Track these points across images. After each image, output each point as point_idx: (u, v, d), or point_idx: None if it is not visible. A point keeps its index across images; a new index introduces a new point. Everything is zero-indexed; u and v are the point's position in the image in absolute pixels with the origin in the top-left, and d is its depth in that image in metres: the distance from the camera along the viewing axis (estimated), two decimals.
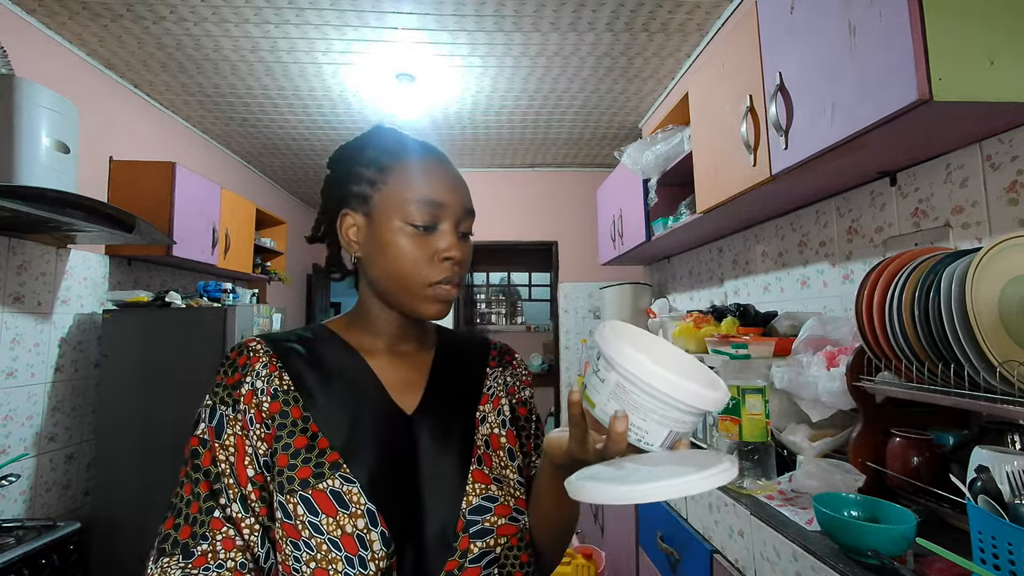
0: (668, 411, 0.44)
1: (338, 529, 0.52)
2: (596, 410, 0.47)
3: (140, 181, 2.46)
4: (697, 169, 1.80)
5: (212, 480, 0.54)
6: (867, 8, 0.98)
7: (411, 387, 0.64)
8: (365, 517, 0.53)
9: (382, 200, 0.60)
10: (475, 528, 0.57)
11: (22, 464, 2.00)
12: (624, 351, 0.43)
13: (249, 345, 0.60)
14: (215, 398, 0.57)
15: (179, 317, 2.32)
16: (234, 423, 0.56)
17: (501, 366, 0.73)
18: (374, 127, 0.67)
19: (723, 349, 1.47)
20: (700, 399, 0.43)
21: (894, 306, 0.90)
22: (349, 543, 0.52)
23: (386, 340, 0.66)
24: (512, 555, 0.59)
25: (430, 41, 2.29)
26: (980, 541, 0.68)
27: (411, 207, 0.59)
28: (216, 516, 0.52)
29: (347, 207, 0.63)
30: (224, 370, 0.59)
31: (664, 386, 0.42)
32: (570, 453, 0.50)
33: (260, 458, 0.55)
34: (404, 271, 0.59)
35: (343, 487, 0.54)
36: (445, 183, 0.61)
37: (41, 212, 1.61)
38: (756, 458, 1.09)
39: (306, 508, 0.53)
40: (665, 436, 0.45)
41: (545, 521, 0.62)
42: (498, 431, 0.66)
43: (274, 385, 0.58)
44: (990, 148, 1.10)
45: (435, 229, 0.60)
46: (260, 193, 4.10)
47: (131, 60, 2.39)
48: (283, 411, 0.57)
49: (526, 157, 3.94)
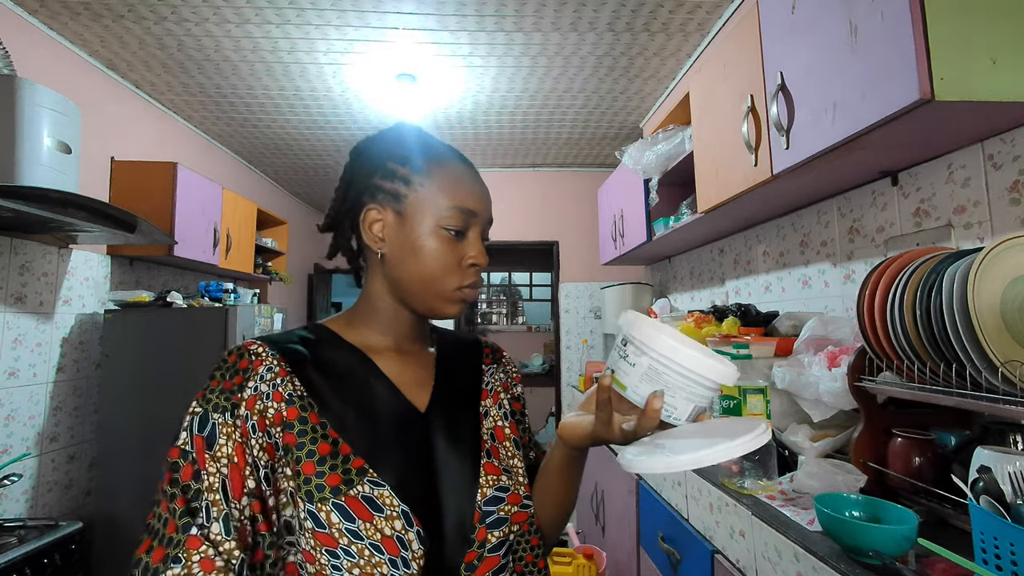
0: (694, 387, 0.49)
1: (377, 533, 0.52)
2: (628, 392, 0.51)
3: (142, 181, 2.46)
4: (698, 169, 1.80)
5: (191, 497, 0.50)
6: (868, 7, 0.98)
7: (421, 385, 0.64)
8: (401, 519, 0.53)
9: (417, 200, 0.60)
10: (491, 518, 0.58)
11: (24, 464, 2.00)
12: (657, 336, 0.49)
13: (250, 348, 0.57)
14: (206, 405, 0.53)
15: (180, 317, 2.32)
16: (232, 431, 0.52)
17: (495, 363, 0.75)
18: (398, 123, 0.66)
19: (724, 349, 1.47)
20: (721, 374, 0.48)
21: (896, 306, 0.89)
22: (390, 545, 0.52)
23: (394, 338, 0.65)
24: (524, 540, 0.61)
25: (431, 41, 2.29)
26: (982, 542, 0.68)
27: (447, 212, 0.59)
28: (193, 534, 0.48)
29: (373, 202, 0.61)
30: (221, 374, 0.55)
31: (693, 364, 0.48)
32: (595, 435, 0.53)
33: (261, 469, 0.53)
34: (434, 274, 0.60)
35: (373, 491, 0.53)
36: (479, 192, 0.63)
37: (43, 212, 1.62)
38: (757, 458, 1.09)
39: (341, 516, 0.51)
40: (690, 411, 0.50)
41: (553, 503, 0.65)
42: (502, 423, 0.67)
43: (288, 390, 0.56)
44: (992, 148, 1.10)
45: (465, 236, 0.61)
46: (261, 193, 4.10)
47: (133, 60, 2.39)
48: (302, 417, 0.55)
49: (527, 157, 3.93)
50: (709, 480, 1.19)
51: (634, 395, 0.51)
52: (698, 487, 1.24)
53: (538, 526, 0.64)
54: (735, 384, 1.10)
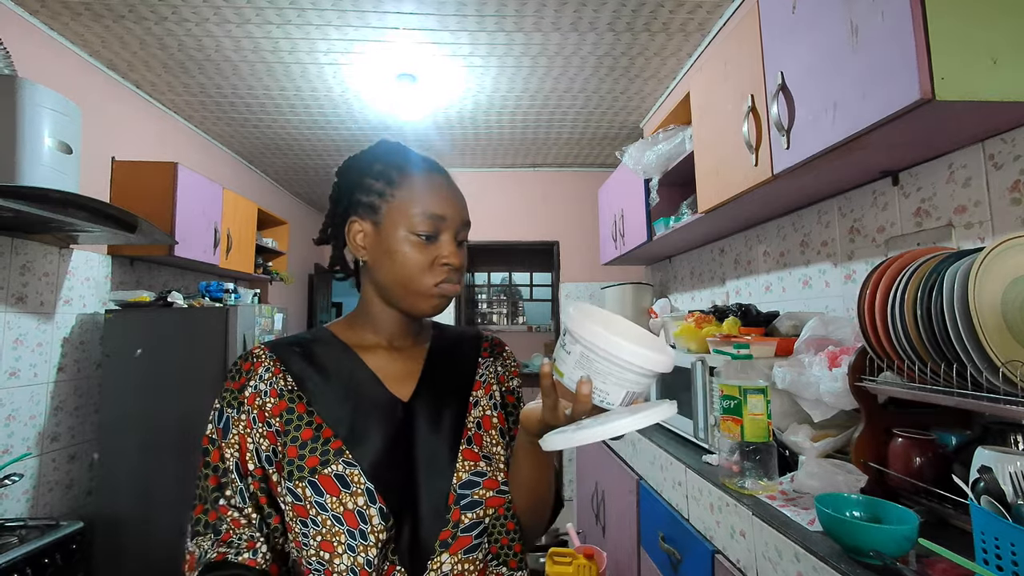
0: (624, 374, 0.51)
1: (340, 506, 0.59)
2: (564, 379, 0.54)
3: (142, 181, 2.46)
4: (699, 169, 1.80)
5: (220, 475, 0.62)
6: (869, 7, 0.98)
7: (407, 377, 0.70)
8: (364, 495, 0.59)
9: (390, 211, 0.66)
10: (465, 500, 0.64)
11: (25, 464, 2.01)
12: (585, 324, 0.51)
13: (254, 352, 0.67)
14: (222, 401, 0.64)
15: (181, 317, 2.33)
16: (239, 423, 0.63)
17: (493, 356, 0.79)
18: (380, 141, 0.73)
19: (725, 349, 1.47)
20: (649, 361, 0.50)
21: (896, 306, 0.89)
22: (350, 518, 0.59)
23: (387, 336, 0.72)
24: (500, 523, 0.67)
25: (431, 41, 2.29)
26: (983, 542, 0.68)
27: (416, 219, 0.65)
28: (222, 504, 0.61)
29: (355, 215, 0.69)
30: (232, 375, 0.66)
31: (618, 351, 0.50)
32: (544, 421, 0.56)
33: (261, 454, 0.62)
34: (408, 275, 0.65)
35: (346, 470, 0.60)
36: (447, 198, 0.67)
37: (44, 212, 1.62)
38: (758, 458, 1.08)
39: (313, 490, 0.59)
40: (623, 396, 0.53)
41: (523, 488, 0.68)
42: (490, 413, 0.72)
43: (279, 386, 0.65)
44: (993, 147, 1.10)
45: (436, 239, 0.66)
46: (262, 193, 4.10)
47: (133, 61, 2.40)
48: (289, 408, 0.64)
49: (527, 157, 3.93)
50: (709, 480, 1.19)
51: (569, 382, 0.53)
52: (699, 487, 1.24)
53: (515, 511, 0.69)
54: (736, 384, 1.10)
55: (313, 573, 0.59)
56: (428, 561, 0.61)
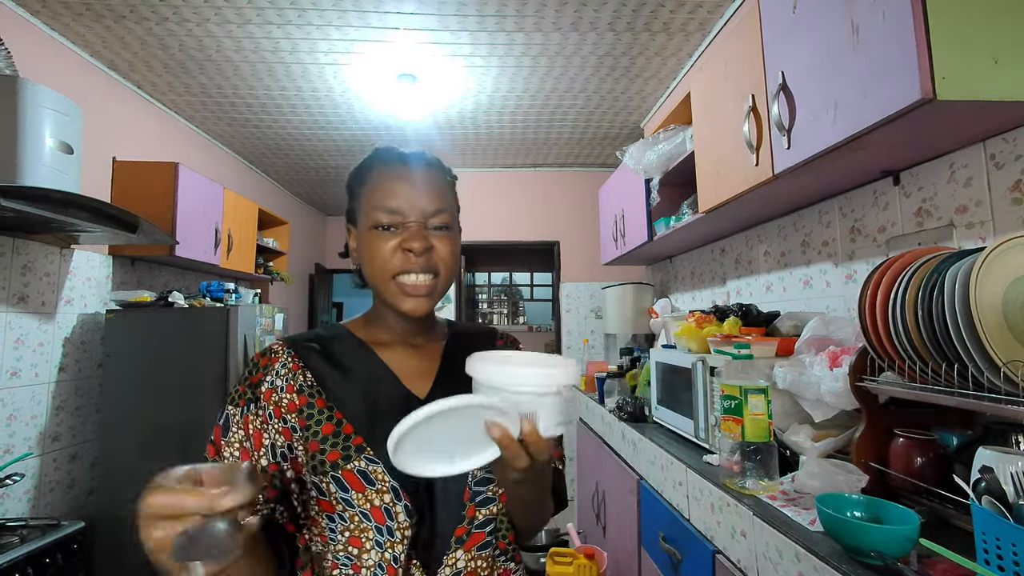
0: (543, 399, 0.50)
1: (367, 503, 0.60)
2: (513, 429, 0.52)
3: (143, 181, 2.46)
4: (699, 169, 1.80)
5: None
6: (870, 7, 0.97)
7: (424, 375, 0.71)
8: (391, 493, 0.61)
9: (359, 210, 0.69)
10: (480, 497, 0.65)
11: (26, 463, 2.01)
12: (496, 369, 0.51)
13: (272, 348, 0.68)
14: (227, 399, 0.66)
15: (182, 317, 2.33)
16: (254, 419, 0.63)
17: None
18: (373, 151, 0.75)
19: (725, 349, 1.47)
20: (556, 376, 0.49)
21: (897, 306, 0.89)
22: (377, 514, 0.60)
23: (399, 334, 0.73)
24: (506, 522, 0.68)
25: (432, 41, 2.29)
26: (984, 542, 0.68)
27: (375, 212, 0.66)
28: None
29: (348, 222, 0.73)
30: (248, 371, 0.67)
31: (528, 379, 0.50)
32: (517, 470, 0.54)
33: (277, 449, 0.63)
34: (374, 266, 0.66)
35: (368, 467, 0.61)
36: (402, 187, 0.66)
37: (45, 213, 1.62)
38: (759, 458, 1.08)
39: (337, 486, 0.61)
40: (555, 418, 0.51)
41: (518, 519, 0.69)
42: None
43: (299, 382, 0.66)
44: (994, 147, 1.09)
45: (399, 228, 0.66)
46: (262, 193, 4.10)
47: (134, 61, 2.40)
48: (309, 403, 0.65)
49: (528, 157, 3.93)
50: (710, 480, 1.19)
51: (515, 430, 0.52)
52: (699, 487, 1.24)
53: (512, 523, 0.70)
54: (736, 384, 1.10)
55: (341, 567, 0.61)
56: (444, 557, 0.62)
